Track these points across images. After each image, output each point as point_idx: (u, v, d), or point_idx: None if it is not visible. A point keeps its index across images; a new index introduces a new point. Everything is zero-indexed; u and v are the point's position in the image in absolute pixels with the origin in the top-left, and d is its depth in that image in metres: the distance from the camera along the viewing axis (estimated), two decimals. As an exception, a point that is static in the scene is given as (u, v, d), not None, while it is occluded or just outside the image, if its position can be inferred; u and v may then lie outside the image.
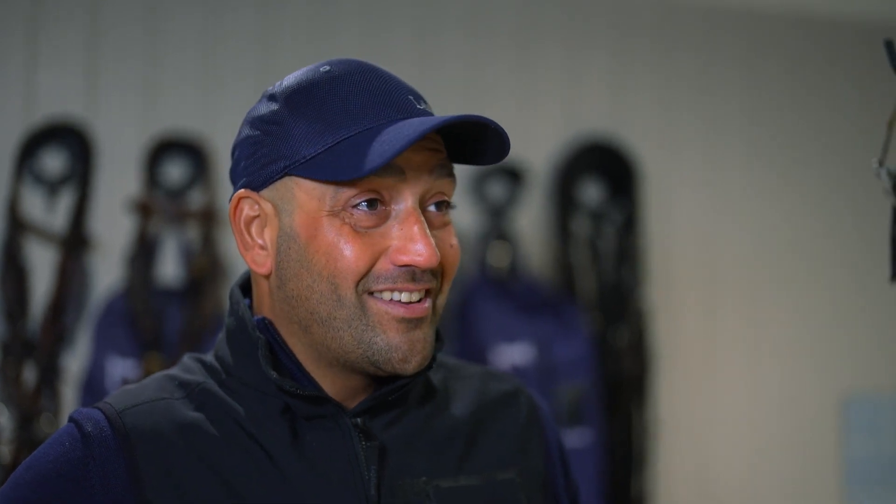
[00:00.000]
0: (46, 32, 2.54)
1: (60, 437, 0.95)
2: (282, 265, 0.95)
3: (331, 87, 0.94)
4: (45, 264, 2.37)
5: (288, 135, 0.94)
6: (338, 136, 0.92)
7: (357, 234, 0.92)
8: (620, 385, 2.78)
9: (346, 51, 2.68)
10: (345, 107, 0.93)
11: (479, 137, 0.96)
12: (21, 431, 2.21)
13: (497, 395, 1.08)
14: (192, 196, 2.51)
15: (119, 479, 0.91)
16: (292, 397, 0.95)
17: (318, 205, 0.92)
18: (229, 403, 0.96)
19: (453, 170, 0.97)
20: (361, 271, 0.92)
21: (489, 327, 2.62)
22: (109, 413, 0.94)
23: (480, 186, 2.81)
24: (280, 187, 0.95)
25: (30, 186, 2.39)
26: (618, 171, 2.92)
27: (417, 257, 0.91)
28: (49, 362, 2.28)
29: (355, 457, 0.95)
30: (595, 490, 2.60)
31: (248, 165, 0.97)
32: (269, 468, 0.93)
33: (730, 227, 3.19)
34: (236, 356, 0.98)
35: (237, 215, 0.98)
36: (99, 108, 2.56)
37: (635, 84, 3.10)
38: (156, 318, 2.36)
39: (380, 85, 0.95)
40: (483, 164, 0.98)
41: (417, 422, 1.00)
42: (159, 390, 0.98)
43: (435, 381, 1.05)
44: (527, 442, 1.06)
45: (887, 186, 0.99)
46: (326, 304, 0.93)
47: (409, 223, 0.93)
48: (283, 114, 0.95)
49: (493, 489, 1.00)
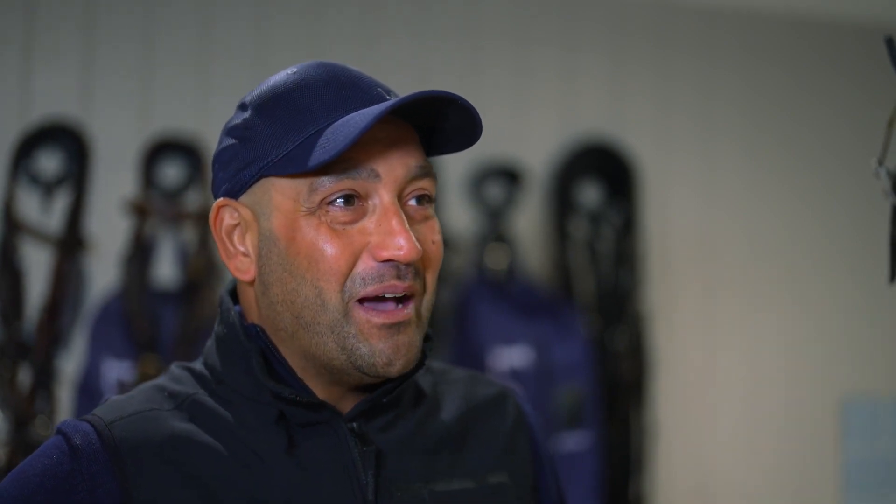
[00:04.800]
0: (42, 33, 2.53)
1: (48, 449, 0.93)
2: (264, 270, 0.94)
3: (299, 87, 0.94)
4: (40, 265, 2.36)
5: (260, 138, 0.94)
6: (308, 131, 0.91)
7: (335, 233, 0.91)
8: (619, 388, 2.77)
9: (340, 54, 2.67)
10: (314, 104, 0.93)
11: (451, 119, 0.94)
12: (16, 434, 2.19)
13: (484, 400, 1.07)
14: (188, 197, 2.50)
15: (108, 493, 0.89)
16: (289, 405, 0.94)
17: (294, 205, 0.92)
18: (221, 413, 0.95)
19: (432, 169, 0.96)
20: (344, 271, 0.91)
21: (487, 330, 2.61)
22: (98, 425, 0.93)
23: (478, 188, 2.81)
24: (257, 191, 0.94)
25: (25, 187, 2.38)
26: (616, 172, 2.92)
27: (398, 251, 0.90)
28: (44, 364, 2.27)
29: (352, 462, 0.94)
30: (593, 493, 2.59)
31: (226, 174, 0.97)
32: (265, 477, 0.92)
33: (728, 229, 3.19)
34: (227, 364, 0.97)
35: (218, 224, 0.98)
36: (95, 109, 2.55)
37: (633, 86, 3.10)
38: (152, 319, 2.35)
39: (348, 81, 0.95)
40: (459, 147, 0.97)
41: (410, 426, 0.99)
42: (148, 401, 0.96)
43: (424, 385, 1.04)
44: (515, 445, 1.06)
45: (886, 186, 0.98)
46: (310, 309, 0.92)
47: (387, 217, 0.91)
48: (254, 120, 0.95)
49: (485, 492, 1.00)
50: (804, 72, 3.30)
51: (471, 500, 0.99)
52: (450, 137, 0.97)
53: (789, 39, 3.29)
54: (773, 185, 3.25)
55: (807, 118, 3.29)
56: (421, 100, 0.89)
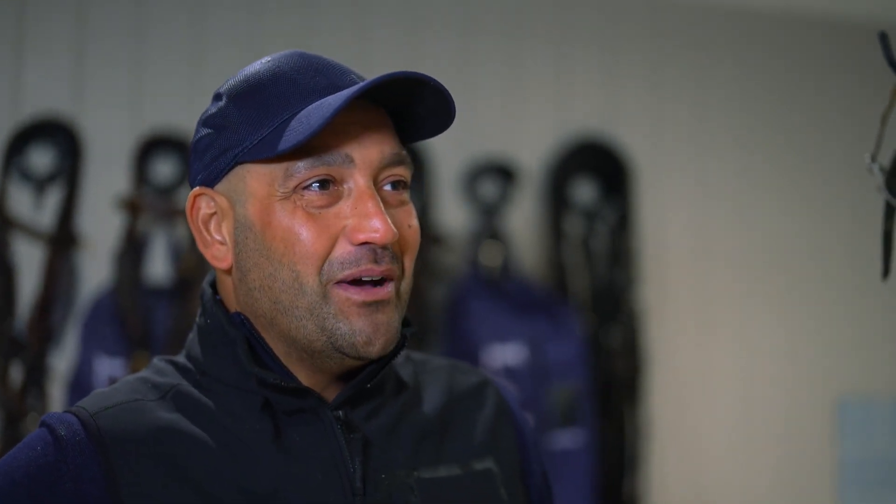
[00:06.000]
0: (34, 29, 2.52)
1: (32, 441, 0.93)
2: (241, 257, 0.95)
3: (273, 75, 0.95)
4: (32, 262, 2.35)
5: (234, 125, 0.94)
6: (283, 116, 0.92)
7: (311, 216, 0.91)
8: (613, 385, 2.77)
9: (333, 50, 2.66)
10: (288, 90, 0.93)
11: (425, 103, 0.95)
12: (7, 431, 2.19)
13: (465, 387, 1.08)
14: (180, 194, 2.49)
15: (94, 483, 0.89)
16: (275, 391, 0.94)
17: (269, 190, 0.92)
18: (206, 403, 0.95)
19: (406, 155, 0.97)
20: (321, 254, 0.91)
21: (481, 327, 2.61)
22: (83, 416, 0.92)
23: (472, 185, 2.80)
24: (232, 178, 0.95)
25: (17, 184, 2.37)
26: (610, 170, 2.92)
27: (374, 233, 0.90)
28: (36, 361, 2.26)
29: (339, 450, 0.94)
30: (587, 491, 2.59)
31: (202, 163, 0.98)
32: (251, 465, 0.92)
33: (723, 227, 3.19)
34: (211, 355, 0.97)
35: (194, 214, 0.98)
36: (87, 105, 2.54)
37: (627, 82, 3.09)
38: (144, 316, 2.34)
39: (321, 67, 0.96)
40: (433, 133, 0.98)
41: (394, 414, 0.99)
42: (133, 392, 0.96)
43: (405, 375, 1.04)
44: (499, 431, 1.06)
45: (880, 182, 0.98)
46: (288, 293, 0.92)
47: (362, 200, 0.92)
48: (228, 108, 0.96)
49: (471, 478, 1.00)
50: (798, 68, 3.30)
51: (457, 486, 0.99)
52: (423, 122, 0.97)
53: (784, 36, 3.29)
54: (768, 183, 3.25)
55: (801, 115, 3.29)
56: (394, 82, 0.90)
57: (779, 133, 3.27)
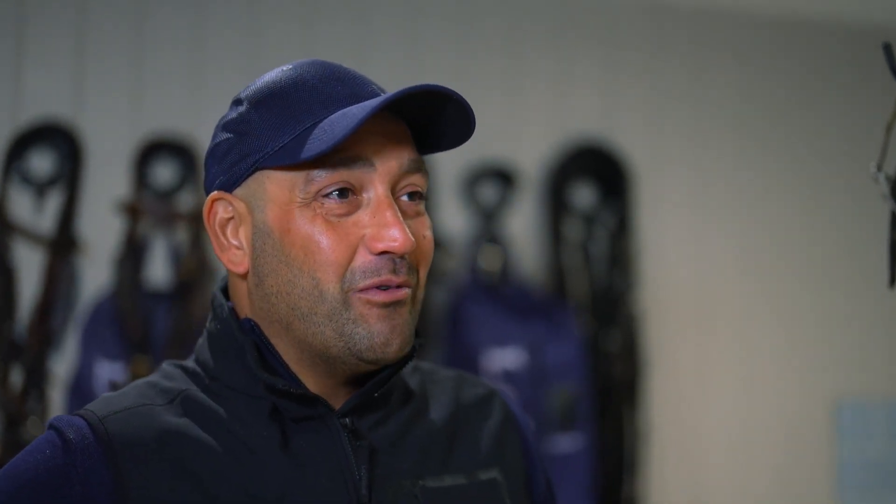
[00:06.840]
0: (34, 33, 2.52)
1: (40, 444, 0.93)
2: (258, 262, 0.95)
3: (295, 82, 0.96)
4: (32, 266, 2.34)
5: (256, 131, 0.95)
6: (305, 124, 0.93)
7: (330, 224, 0.92)
8: (612, 389, 2.77)
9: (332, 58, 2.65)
10: (310, 98, 0.94)
11: (444, 115, 0.95)
12: (7, 434, 2.19)
13: (472, 398, 1.08)
14: (181, 198, 2.49)
15: (102, 487, 0.89)
16: (283, 398, 0.94)
17: (289, 196, 0.93)
18: (214, 408, 0.95)
19: (424, 164, 0.97)
20: (341, 262, 0.92)
21: (480, 331, 2.61)
22: (92, 420, 0.92)
23: (472, 189, 2.80)
24: (252, 184, 0.95)
25: (17, 187, 2.37)
26: (609, 174, 2.92)
27: (392, 242, 0.91)
28: (36, 365, 2.26)
29: (346, 457, 0.94)
30: (586, 494, 2.59)
31: (221, 168, 0.98)
32: (258, 471, 0.92)
33: (721, 231, 3.19)
34: (220, 360, 0.97)
35: (211, 218, 0.98)
36: (87, 109, 2.54)
37: (626, 87, 3.10)
38: (144, 320, 2.34)
39: (343, 77, 0.97)
40: (451, 145, 0.98)
41: (401, 423, 1.00)
42: (141, 397, 0.96)
43: (413, 384, 1.05)
44: (505, 442, 1.06)
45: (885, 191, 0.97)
46: (308, 300, 0.92)
47: (381, 209, 0.92)
48: (250, 114, 0.96)
49: (477, 488, 1.01)
50: (797, 75, 3.30)
51: (463, 496, 0.99)
52: (442, 135, 0.98)
53: (782, 43, 3.29)
54: (767, 188, 3.25)
55: (800, 121, 3.30)
56: (417, 94, 0.90)
57: (778, 137, 3.27)
